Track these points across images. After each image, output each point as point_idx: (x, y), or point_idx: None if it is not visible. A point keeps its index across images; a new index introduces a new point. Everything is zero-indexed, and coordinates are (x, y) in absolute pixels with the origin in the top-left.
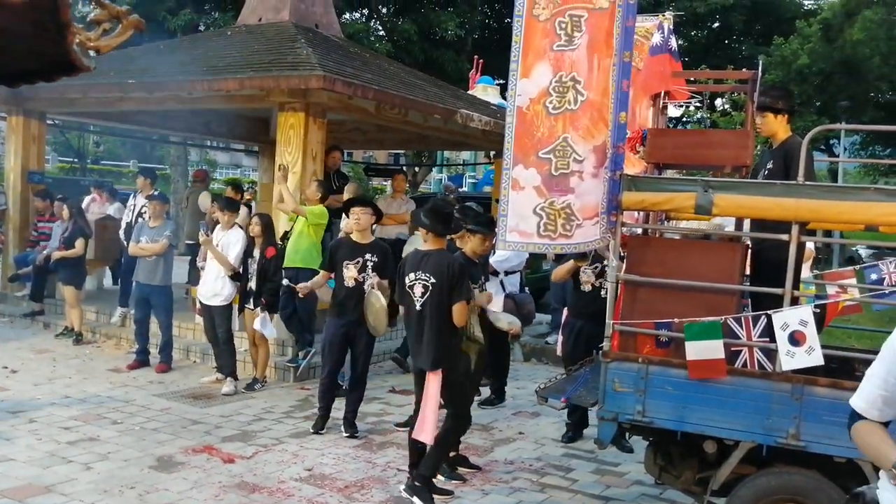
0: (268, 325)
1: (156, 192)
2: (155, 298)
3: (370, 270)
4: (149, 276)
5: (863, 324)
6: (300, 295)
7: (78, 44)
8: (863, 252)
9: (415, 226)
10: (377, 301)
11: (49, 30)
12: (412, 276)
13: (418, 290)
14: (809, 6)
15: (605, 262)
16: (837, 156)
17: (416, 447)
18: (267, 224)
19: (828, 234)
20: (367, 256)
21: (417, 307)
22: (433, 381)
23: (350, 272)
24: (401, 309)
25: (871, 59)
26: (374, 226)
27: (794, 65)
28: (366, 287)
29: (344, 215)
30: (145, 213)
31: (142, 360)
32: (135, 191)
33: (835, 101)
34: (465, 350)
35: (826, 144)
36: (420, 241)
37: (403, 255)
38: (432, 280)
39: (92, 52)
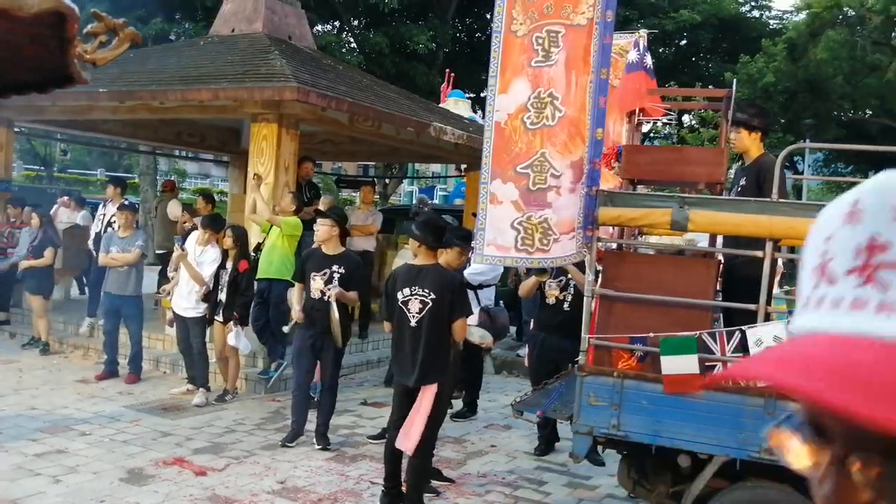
0: (242, 339)
1: (126, 202)
2: (126, 309)
3: (336, 282)
4: (120, 287)
5: None
6: (297, 319)
7: (76, 56)
8: None
9: (407, 239)
10: (333, 314)
11: (48, 43)
12: (406, 291)
13: (415, 305)
14: (775, 26)
15: (569, 276)
16: (801, 173)
17: (391, 459)
18: (240, 236)
19: (792, 250)
20: (335, 268)
21: (412, 323)
22: (428, 395)
23: (316, 283)
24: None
25: (834, 79)
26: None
27: (759, 83)
28: (326, 298)
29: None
30: (115, 222)
31: (111, 371)
32: (104, 200)
33: (800, 118)
34: None
35: (790, 161)
36: (409, 255)
37: (394, 267)
38: (432, 296)
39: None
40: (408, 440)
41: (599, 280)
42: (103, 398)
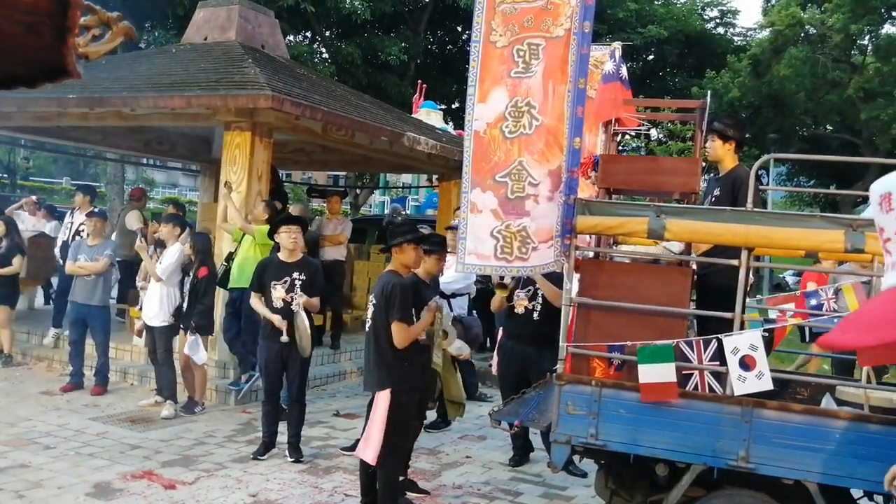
0: (198, 350)
1: (95, 210)
2: (93, 319)
3: (298, 289)
4: (87, 296)
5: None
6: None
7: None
8: (789, 279)
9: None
10: (302, 322)
11: (44, 34)
12: (371, 297)
13: (369, 311)
14: (739, 42)
15: (538, 286)
16: (766, 185)
17: (366, 473)
18: (202, 244)
19: (757, 260)
20: (295, 275)
21: (367, 329)
22: (381, 402)
23: (278, 293)
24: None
25: (796, 95)
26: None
27: (725, 98)
28: (293, 307)
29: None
30: (83, 230)
31: (76, 383)
32: (72, 208)
33: (764, 133)
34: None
35: (756, 175)
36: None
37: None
38: (374, 301)
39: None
40: (366, 449)
41: (576, 288)
42: (68, 410)
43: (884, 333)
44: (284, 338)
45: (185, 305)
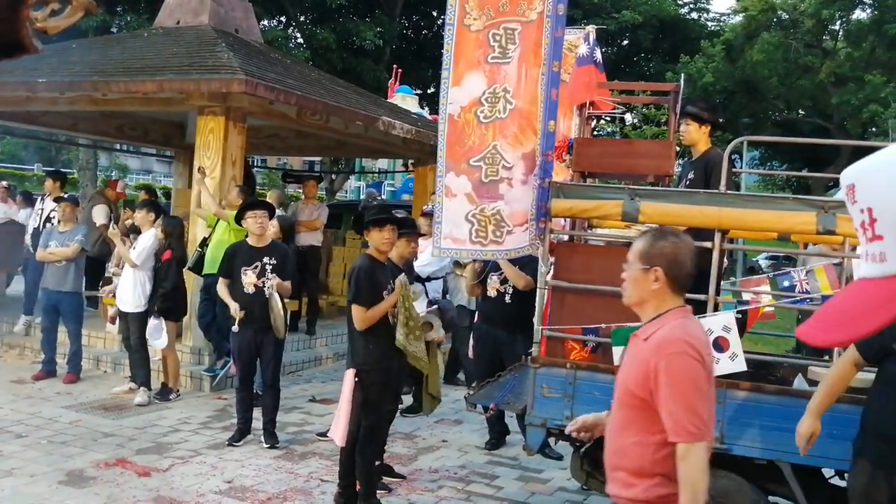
0: (159, 333)
1: (66, 195)
2: (65, 306)
3: (269, 274)
4: (58, 283)
5: (768, 328)
6: (234, 316)
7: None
8: (762, 262)
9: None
10: (276, 304)
11: None
12: None
13: None
14: (713, 27)
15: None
16: (740, 169)
17: (348, 458)
18: (173, 227)
19: (731, 242)
20: (266, 260)
21: None
22: (346, 381)
23: (249, 278)
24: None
25: (769, 80)
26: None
27: (699, 82)
28: (266, 291)
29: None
30: (54, 216)
31: (48, 371)
32: (42, 194)
33: (737, 118)
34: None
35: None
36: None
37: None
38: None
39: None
40: (335, 429)
41: (551, 271)
42: (40, 399)
43: (862, 328)
44: (237, 314)
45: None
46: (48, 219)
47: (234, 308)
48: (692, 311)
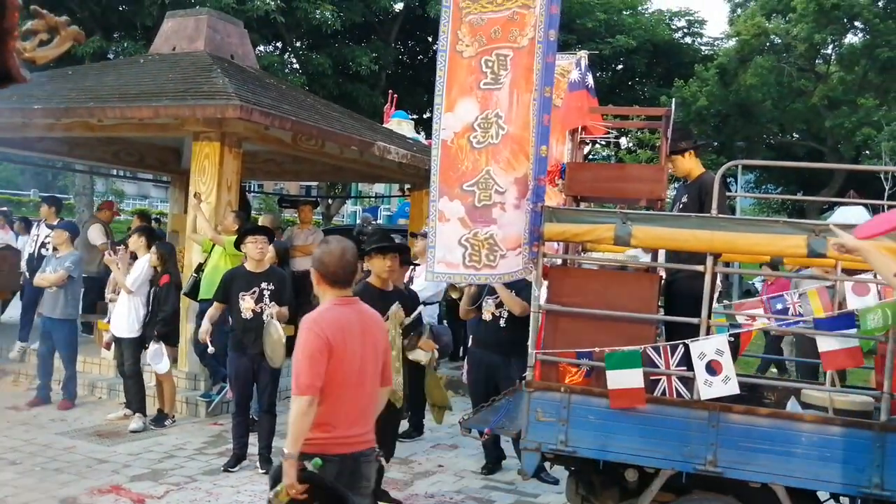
0: (160, 358)
1: (62, 220)
2: (56, 332)
3: (268, 300)
4: (50, 309)
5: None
6: (200, 339)
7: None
8: (758, 285)
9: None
10: (276, 332)
11: None
12: None
13: None
14: (707, 52)
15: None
16: (735, 192)
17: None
18: (167, 252)
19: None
20: (264, 285)
21: None
22: None
23: (247, 303)
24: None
25: (763, 103)
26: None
27: (693, 106)
28: (265, 317)
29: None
30: (48, 242)
31: (43, 397)
32: (38, 220)
33: (732, 141)
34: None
35: (723, 182)
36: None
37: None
38: None
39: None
40: None
41: (545, 295)
42: (35, 425)
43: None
44: (205, 336)
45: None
46: (43, 244)
47: (206, 329)
48: (357, 301)
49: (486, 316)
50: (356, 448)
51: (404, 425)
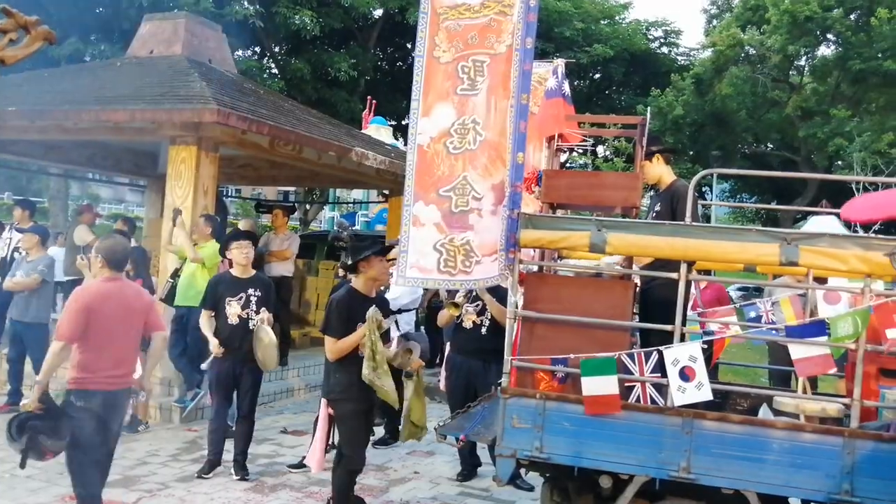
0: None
1: (35, 224)
2: (28, 336)
3: (254, 305)
4: (21, 313)
5: (739, 358)
6: (215, 355)
7: None
8: (733, 294)
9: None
10: (266, 336)
11: None
12: None
13: None
14: (683, 62)
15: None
16: (710, 201)
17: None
18: (139, 257)
19: (706, 274)
20: (251, 291)
21: None
22: (322, 410)
23: (233, 309)
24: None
25: (738, 113)
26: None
27: (669, 115)
28: (252, 323)
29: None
30: (20, 246)
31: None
32: (10, 223)
33: (707, 150)
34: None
35: (699, 191)
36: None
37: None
38: None
39: None
40: (311, 457)
41: (521, 302)
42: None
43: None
44: (216, 350)
45: None
46: (16, 248)
47: (214, 344)
48: (120, 278)
49: (467, 323)
50: (115, 387)
51: (380, 432)
